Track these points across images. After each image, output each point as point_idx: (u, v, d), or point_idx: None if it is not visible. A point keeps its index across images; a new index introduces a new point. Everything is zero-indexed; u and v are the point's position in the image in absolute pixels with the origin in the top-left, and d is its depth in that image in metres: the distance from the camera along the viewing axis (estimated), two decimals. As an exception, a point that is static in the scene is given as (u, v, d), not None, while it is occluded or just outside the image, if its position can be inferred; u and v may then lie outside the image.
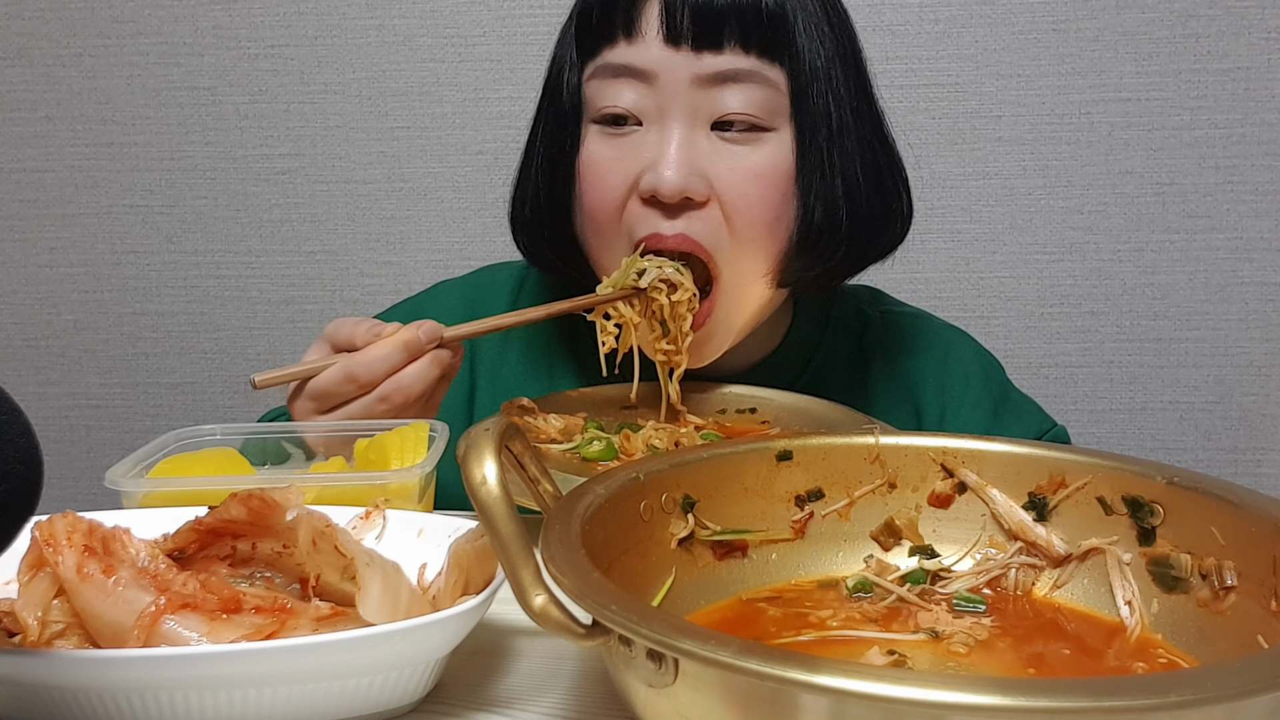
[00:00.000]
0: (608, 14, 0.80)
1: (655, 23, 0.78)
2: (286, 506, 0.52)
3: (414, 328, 0.76)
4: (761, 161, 0.80)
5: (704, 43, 0.78)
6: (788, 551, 0.59)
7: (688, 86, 0.78)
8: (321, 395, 0.76)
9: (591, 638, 0.41)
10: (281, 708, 0.46)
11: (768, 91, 0.79)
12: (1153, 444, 1.55)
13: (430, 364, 0.76)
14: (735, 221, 0.81)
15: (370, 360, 0.75)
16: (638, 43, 0.79)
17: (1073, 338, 1.54)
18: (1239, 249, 1.49)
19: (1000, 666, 0.50)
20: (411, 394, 0.75)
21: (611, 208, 0.82)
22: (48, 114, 1.60)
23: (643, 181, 0.80)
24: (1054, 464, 0.57)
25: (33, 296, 1.66)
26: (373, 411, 0.75)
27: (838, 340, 0.96)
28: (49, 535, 0.47)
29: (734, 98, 0.79)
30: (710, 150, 0.80)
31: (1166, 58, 1.46)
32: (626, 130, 0.81)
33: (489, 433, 0.45)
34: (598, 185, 0.82)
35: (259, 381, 0.76)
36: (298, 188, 1.60)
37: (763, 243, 0.82)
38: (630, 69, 0.79)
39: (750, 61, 0.78)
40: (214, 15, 1.56)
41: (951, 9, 1.48)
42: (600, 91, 0.81)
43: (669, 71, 0.78)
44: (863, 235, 0.85)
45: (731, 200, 0.80)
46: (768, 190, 0.81)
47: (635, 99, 0.80)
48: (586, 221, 0.85)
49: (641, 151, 0.80)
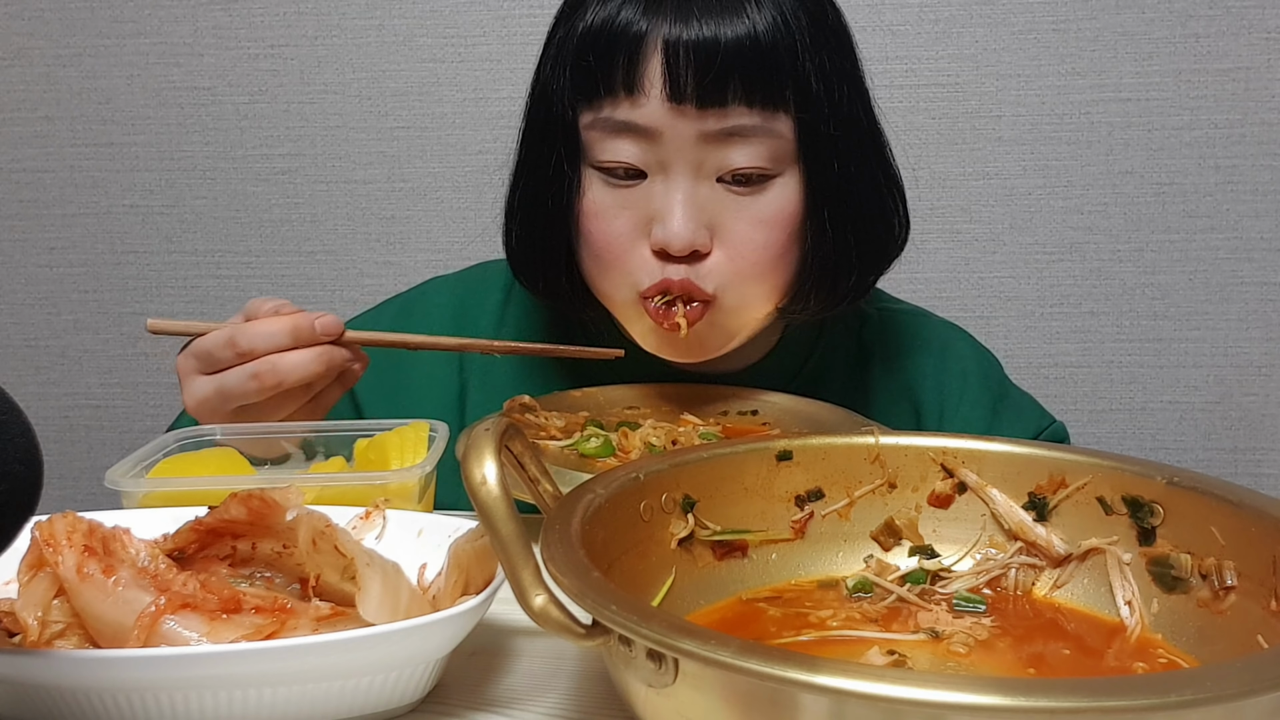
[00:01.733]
0: (608, 68, 0.77)
1: (658, 81, 0.76)
2: (286, 506, 0.52)
3: (312, 316, 0.75)
4: (767, 207, 0.80)
5: (708, 101, 0.76)
6: (788, 551, 0.59)
7: (692, 143, 0.77)
8: (201, 355, 0.74)
9: (591, 638, 0.41)
10: (281, 708, 0.46)
11: (773, 142, 0.78)
12: (1153, 444, 1.55)
13: (314, 357, 0.74)
14: (739, 264, 0.80)
15: (254, 333, 0.73)
16: (640, 101, 0.77)
17: (1073, 338, 1.54)
18: (1239, 249, 1.49)
19: (1000, 666, 0.50)
20: (286, 379, 0.73)
21: (620, 252, 0.81)
22: (48, 114, 1.60)
23: (653, 235, 0.79)
24: (1054, 464, 0.57)
25: (33, 296, 1.66)
26: (245, 387, 0.73)
27: (835, 339, 0.96)
28: (49, 535, 0.47)
29: (739, 154, 0.78)
30: (715, 200, 0.79)
31: (1166, 58, 1.46)
32: (631, 182, 0.80)
33: (489, 433, 0.45)
34: (605, 231, 0.81)
35: (151, 326, 0.75)
36: (298, 188, 1.60)
37: (766, 278, 0.82)
38: (632, 126, 0.78)
39: (754, 117, 0.77)
40: (214, 15, 1.56)
41: (951, 9, 1.47)
42: (600, 143, 0.80)
43: (673, 129, 0.77)
44: (871, 264, 0.85)
45: (736, 246, 0.80)
46: (773, 234, 0.80)
47: (638, 153, 0.79)
48: (592, 261, 0.84)
49: (649, 202, 0.79)
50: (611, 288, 0.84)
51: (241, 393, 0.74)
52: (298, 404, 0.76)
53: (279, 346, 0.73)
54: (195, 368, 0.75)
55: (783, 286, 0.83)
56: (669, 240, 0.78)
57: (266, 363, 0.73)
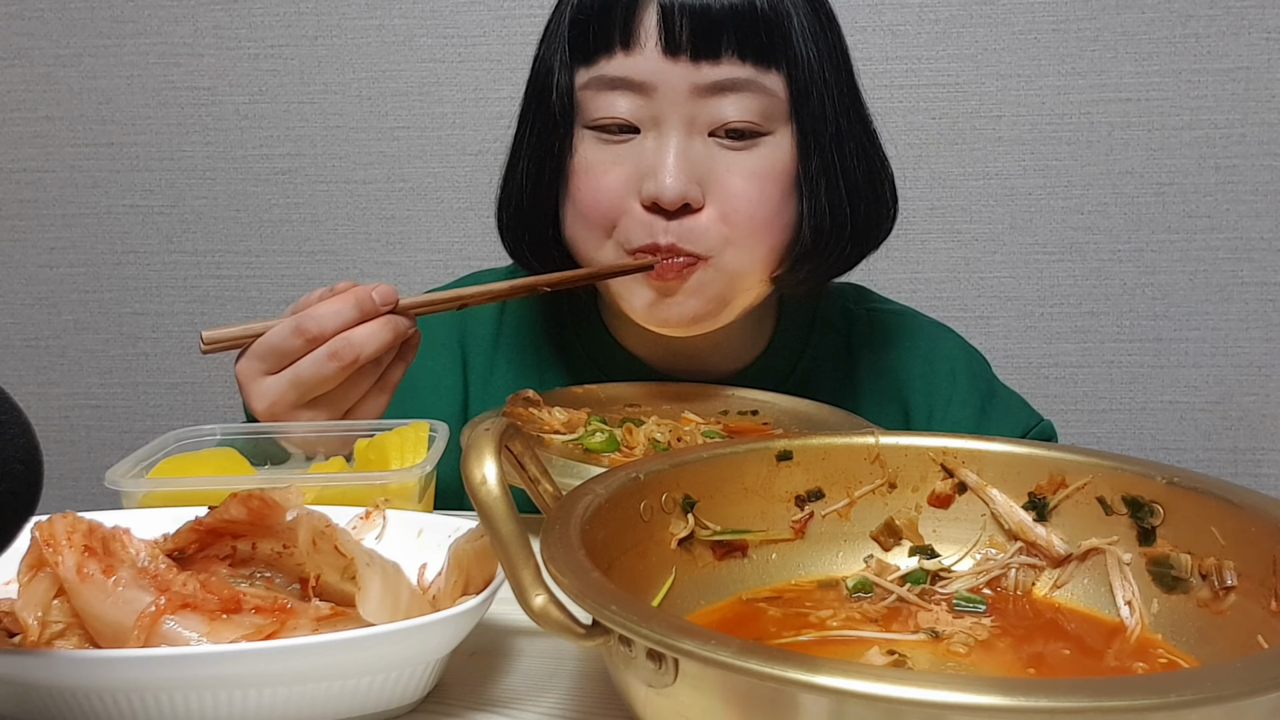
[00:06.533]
0: (604, 24, 0.79)
1: (654, 33, 0.78)
2: (286, 506, 0.52)
3: (368, 287, 0.74)
4: (758, 162, 0.80)
5: (702, 53, 0.78)
6: (788, 551, 0.59)
7: (685, 96, 0.79)
8: (268, 353, 0.73)
9: (591, 638, 0.41)
10: (281, 708, 0.46)
11: (765, 99, 0.79)
12: (1153, 444, 1.55)
13: (383, 326, 0.73)
14: (733, 220, 0.80)
15: (320, 314, 0.72)
16: (635, 54, 0.79)
17: (1073, 338, 1.54)
18: (1239, 249, 1.50)
19: (1000, 666, 0.50)
20: (363, 352, 0.72)
21: (608, 210, 0.82)
22: (48, 114, 1.60)
23: (644, 189, 0.79)
24: (1054, 464, 0.57)
25: (33, 296, 1.66)
26: (323, 371, 0.72)
27: (825, 340, 0.96)
28: (49, 535, 0.47)
29: (731, 107, 0.79)
30: (707, 156, 0.80)
31: (1166, 58, 1.46)
32: (623, 138, 0.81)
33: (489, 433, 0.45)
34: (595, 188, 0.82)
35: (208, 338, 0.73)
36: (298, 188, 1.60)
37: (761, 239, 0.82)
38: (627, 81, 0.79)
39: (748, 70, 0.78)
40: (214, 15, 1.56)
41: (951, 9, 1.48)
42: (595, 101, 0.81)
43: (667, 82, 0.78)
44: (862, 233, 0.85)
45: (728, 200, 0.80)
46: (766, 189, 0.81)
47: (632, 109, 0.80)
48: (578, 221, 0.84)
49: (640, 158, 0.80)
50: (594, 250, 0.83)
51: (320, 377, 0.72)
52: (369, 382, 0.75)
53: (348, 322, 0.72)
54: (261, 369, 0.74)
55: (778, 249, 0.83)
56: (659, 192, 0.78)
57: (341, 340, 0.72)
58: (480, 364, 0.96)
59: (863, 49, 0.88)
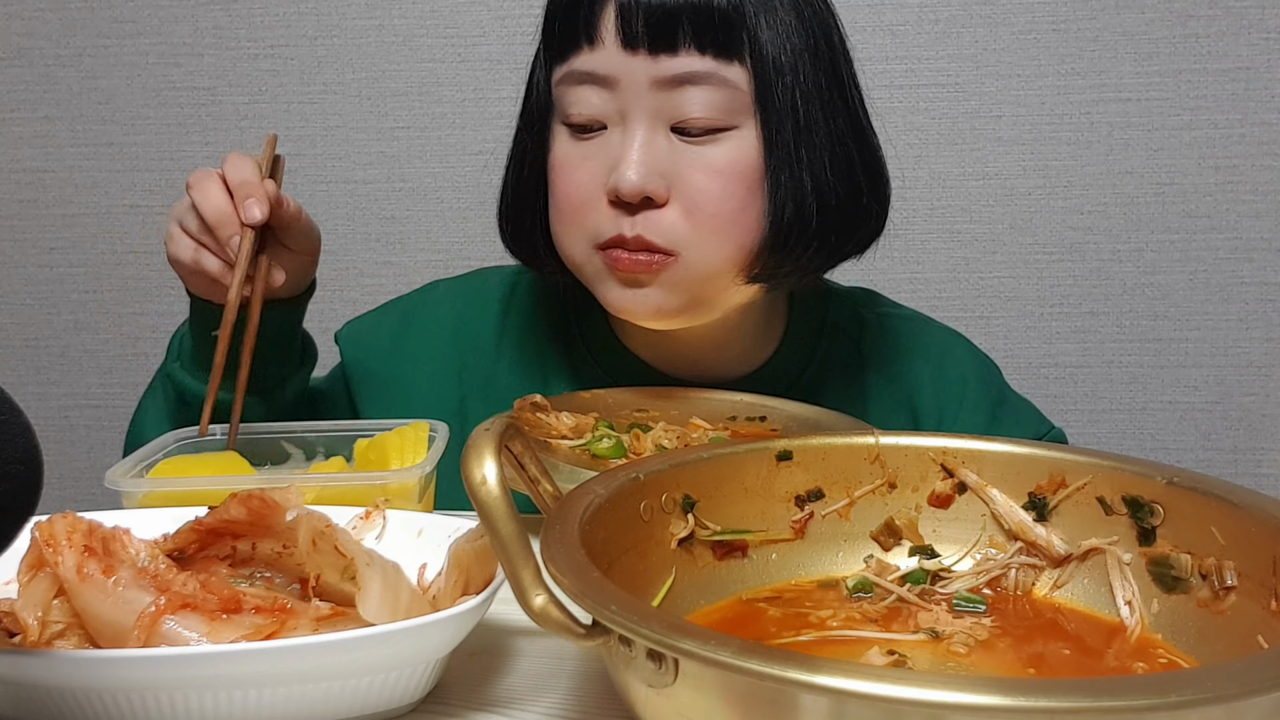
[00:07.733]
0: (571, 20, 0.81)
1: (613, 28, 0.79)
2: (286, 507, 0.52)
3: None
4: (721, 157, 0.80)
5: (659, 45, 0.78)
6: (788, 551, 0.59)
7: (647, 89, 0.79)
8: None
9: (591, 638, 0.41)
10: (281, 708, 0.46)
11: (727, 92, 0.79)
12: (1153, 444, 1.55)
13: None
14: (696, 217, 0.80)
15: None
16: (599, 49, 0.80)
17: (1073, 338, 1.54)
18: (1239, 249, 1.49)
19: (1000, 666, 0.50)
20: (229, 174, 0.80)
21: (580, 205, 0.83)
22: (48, 114, 1.60)
23: (609, 183, 0.80)
24: (1054, 464, 0.57)
25: (33, 296, 1.66)
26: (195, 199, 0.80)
27: (834, 345, 0.96)
28: (49, 535, 0.47)
29: (693, 101, 0.79)
30: (670, 150, 0.80)
31: (1166, 58, 1.46)
32: (593, 135, 0.82)
33: (489, 433, 0.45)
34: (568, 183, 0.83)
35: None
36: (298, 188, 1.59)
37: (728, 235, 0.81)
38: (593, 75, 0.80)
39: (706, 63, 0.78)
40: (214, 15, 1.56)
41: (951, 9, 1.48)
42: (567, 96, 0.82)
43: (628, 76, 0.79)
44: (834, 230, 0.84)
45: (691, 197, 0.80)
46: (729, 185, 0.80)
47: (599, 104, 0.81)
48: (556, 217, 0.86)
49: (608, 152, 0.81)
50: (571, 244, 0.85)
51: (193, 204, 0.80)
52: None
53: None
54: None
55: (747, 246, 0.82)
56: (619, 185, 0.79)
57: None
58: (482, 365, 0.96)
59: (863, 49, 0.87)
